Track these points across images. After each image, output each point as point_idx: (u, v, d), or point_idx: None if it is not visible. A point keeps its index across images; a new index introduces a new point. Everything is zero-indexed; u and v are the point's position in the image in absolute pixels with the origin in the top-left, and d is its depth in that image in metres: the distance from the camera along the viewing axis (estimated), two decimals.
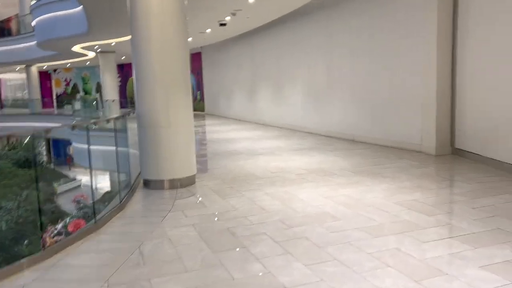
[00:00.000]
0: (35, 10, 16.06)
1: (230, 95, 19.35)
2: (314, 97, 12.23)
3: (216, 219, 4.53)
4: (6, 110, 29.99)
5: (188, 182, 6.10)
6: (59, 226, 11.76)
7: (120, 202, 4.98)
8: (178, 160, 5.99)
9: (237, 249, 3.62)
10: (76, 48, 17.92)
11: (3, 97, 34.85)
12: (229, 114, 19.56)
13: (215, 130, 14.52)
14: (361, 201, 5.03)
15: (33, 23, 17.03)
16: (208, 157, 9.12)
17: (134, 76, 6.01)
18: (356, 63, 10.19)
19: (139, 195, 5.74)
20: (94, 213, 4.49)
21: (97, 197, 6.04)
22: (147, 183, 6.05)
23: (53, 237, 10.78)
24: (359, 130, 10.18)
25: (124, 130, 6.09)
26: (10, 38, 24.13)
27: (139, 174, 6.33)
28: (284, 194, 5.49)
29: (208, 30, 14.84)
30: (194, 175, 6.30)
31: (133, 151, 6.39)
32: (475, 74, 7.17)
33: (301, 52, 12.78)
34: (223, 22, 12.74)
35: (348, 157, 8.14)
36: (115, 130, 5.30)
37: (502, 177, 5.96)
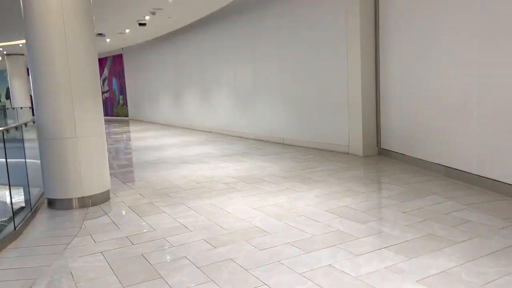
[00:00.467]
0: None
1: (156, 99, 18.46)
2: (241, 100, 11.92)
3: (129, 243, 3.95)
4: None
5: (101, 200, 5.41)
6: None
7: (15, 229, 4.21)
8: (88, 175, 5.27)
9: (152, 280, 3.10)
10: None
11: None
12: (155, 119, 18.67)
13: (139, 137, 13.66)
14: (292, 210, 4.72)
15: None
16: (128, 168, 8.38)
17: (31, 81, 5.20)
18: (282, 66, 10.02)
19: (42, 217, 4.95)
20: None
21: None
22: (52, 203, 5.26)
23: None
24: (288, 133, 10.02)
25: (20, 140, 5.26)
26: None
27: (43, 193, 5.51)
28: (210, 207, 5.02)
29: (127, 30, 13.95)
30: (108, 190, 5.61)
31: (37, 163, 5.56)
32: (396, 76, 7.25)
33: (226, 54, 12.41)
34: (143, 21, 11.99)
35: (278, 161, 7.88)
36: (3, 141, 4.48)
37: (427, 177, 6.01)
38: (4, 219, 4.52)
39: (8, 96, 27.50)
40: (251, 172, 7.02)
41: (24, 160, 5.28)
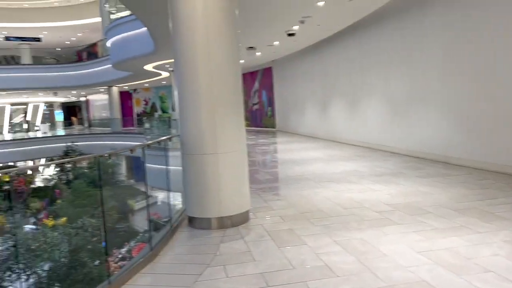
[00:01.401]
0: (109, 32, 16.38)
1: (302, 111, 18.16)
2: (394, 111, 10.59)
3: (264, 283, 3.35)
4: (93, 129, 31.80)
5: (239, 221, 5.00)
6: (124, 250, 11.14)
7: (152, 249, 4.02)
8: (227, 194, 4.92)
9: None
10: (148, 67, 18.02)
11: (91, 116, 37.16)
12: (300, 131, 18.36)
13: (284, 149, 13.40)
14: (473, 261, 3.53)
15: (108, 45, 17.47)
16: (269, 183, 7.99)
17: (177, 97, 5.11)
18: (447, 71, 8.47)
19: (181, 237, 4.74)
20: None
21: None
22: (192, 221, 5.06)
23: (117, 262, 10.13)
24: (454, 150, 8.39)
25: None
26: (92, 61, 25.43)
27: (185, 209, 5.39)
28: (360, 244, 4.14)
29: (276, 43, 13.89)
30: (247, 211, 5.19)
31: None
32: None
33: (377, 61, 11.24)
34: (291, 32, 11.69)
35: (444, 186, 6.49)
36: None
37: None
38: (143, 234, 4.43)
39: (174, 108, 30.85)
40: (410, 198, 5.86)
41: (166, 173, 5.23)
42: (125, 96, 31.85)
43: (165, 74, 20.82)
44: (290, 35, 11.97)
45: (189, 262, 3.94)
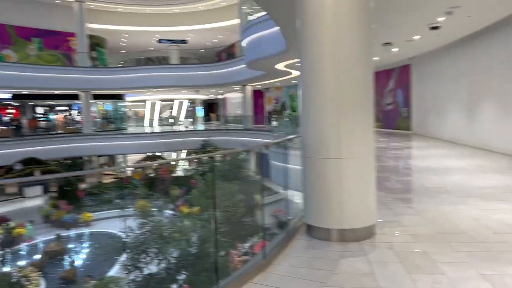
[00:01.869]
0: (245, 32, 16.99)
1: (443, 113, 16.31)
2: None
3: None
4: (228, 125, 33.80)
5: (363, 235, 4.49)
6: (247, 245, 11.38)
7: (264, 257, 3.81)
8: (350, 203, 4.46)
9: None
10: (280, 66, 18.22)
11: (227, 113, 39.57)
12: (440, 135, 16.53)
13: (420, 155, 12.14)
14: None
15: (243, 44, 18.15)
16: (402, 194, 7.18)
17: (300, 96, 4.82)
18: None
19: (297, 246, 4.44)
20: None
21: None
22: (310, 229, 4.73)
23: (241, 256, 10.37)
24: None
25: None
26: (229, 61, 26.88)
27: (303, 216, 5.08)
28: None
29: (417, 37, 12.65)
30: (373, 225, 4.64)
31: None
32: None
33: None
34: (435, 25, 10.47)
35: None
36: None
37: None
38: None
39: None
40: None
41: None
42: (258, 95, 33.04)
43: (295, 73, 20.86)
44: (433, 28, 10.75)
45: (304, 278, 3.61)
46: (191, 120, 37.00)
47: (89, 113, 26.45)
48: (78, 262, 13.62)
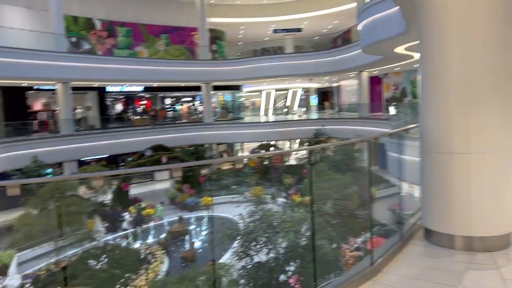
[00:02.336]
0: (361, 15, 16.08)
1: None
2: None
3: None
4: (342, 113, 32.88)
5: (496, 245, 3.78)
6: (359, 240, 10.85)
7: (372, 264, 3.41)
8: (481, 207, 3.78)
9: None
10: (399, 49, 16.88)
11: (341, 101, 38.50)
12: None
13: None
14: None
15: (359, 28, 17.22)
16: None
17: (420, 82, 4.22)
18: None
19: (411, 253, 3.92)
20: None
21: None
22: (428, 233, 4.15)
23: (352, 251, 9.93)
24: None
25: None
26: (344, 47, 25.92)
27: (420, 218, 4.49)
28: None
29: None
30: (510, 234, 3.88)
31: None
32: None
33: None
34: None
35: None
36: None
37: None
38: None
39: None
40: None
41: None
42: (375, 81, 31.34)
43: (417, 56, 19.16)
44: None
45: None
46: (305, 109, 36.85)
47: (209, 104, 28.03)
48: (197, 243, 14.55)
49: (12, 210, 12.92)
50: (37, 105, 25.23)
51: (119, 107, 30.07)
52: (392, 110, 20.42)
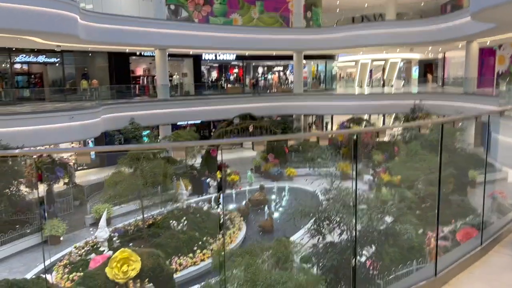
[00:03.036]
0: None
1: None
2: None
3: None
4: (445, 88, 30.07)
5: None
6: (448, 229, 9.93)
7: (436, 274, 2.87)
8: None
9: None
10: None
11: (446, 75, 35.13)
12: None
13: None
14: None
15: None
16: None
17: None
18: None
19: (495, 262, 3.28)
20: None
21: None
22: None
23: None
24: None
25: None
26: (452, 13, 23.31)
27: None
28: None
29: None
30: None
31: None
32: None
33: None
34: None
35: None
36: None
37: None
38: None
39: None
40: None
41: None
42: (486, 53, 27.88)
43: None
44: None
45: None
46: (403, 81, 34.37)
47: (300, 73, 27.45)
48: (276, 214, 14.59)
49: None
50: (139, 70, 26.99)
51: (213, 74, 30.96)
52: (504, 86, 18.02)
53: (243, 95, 26.87)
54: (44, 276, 8.79)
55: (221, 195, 15.85)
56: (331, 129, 32.29)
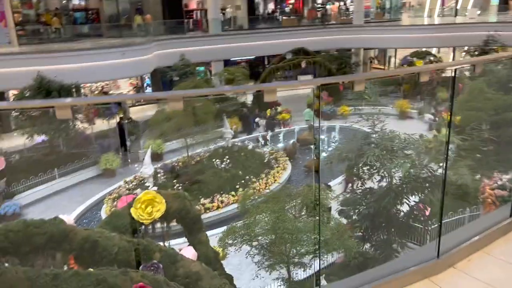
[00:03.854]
0: None
1: None
2: None
3: None
4: None
5: None
6: (507, 177, 9.03)
7: (438, 255, 2.38)
8: None
9: None
10: None
11: None
12: None
13: None
14: None
15: None
16: None
17: None
18: None
19: None
20: None
21: None
22: None
23: (494, 189, 8.43)
24: None
25: None
26: None
27: None
28: None
29: None
30: None
31: None
32: None
33: None
34: None
35: None
36: None
37: None
38: None
39: None
40: None
41: None
42: None
43: None
44: None
45: None
46: (479, 10, 30.62)
47: (361, 2, 25.34)
48: (324, 154, 14.20)
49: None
50: (192, 4, 26.40)
51: (268, 7, 29.57)
52: None
53: (299, 28, 25.53)
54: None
55: (268, 134, 15.74)
56: (394, 64, 30.16)
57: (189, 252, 5.91)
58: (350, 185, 8.91)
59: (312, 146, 14.81)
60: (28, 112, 12.51)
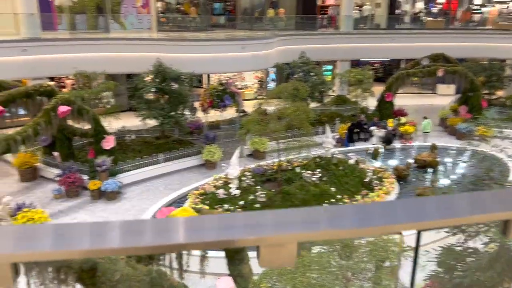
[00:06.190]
0: None
1: None
2: None
3: None
4: None
5: None
6: None
7: None
8: None
9: None
10: None
11: None
12: None
13: None
14: None
15: None
16: None
17: None
18: None
19: None
20: None
21: None
22: None
23: None
24: None
25: None
26: None
27: None
28: None
29: None
30: None
31: None
32: None
33: None
34: None
35: None
36: None
37: None
38: None
39: None
40: None
41: None
42: None
43: None
44: None
45: None
46: None
47: None
48: (444, 181, 12.05)
49: None
50: (329, 0, 25.29)
51: (416, 5, 26.80)
52: None
53: (444, 31, 22.55)
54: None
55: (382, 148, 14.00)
56: None
57: (226, 284, 5.19)
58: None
59: (430, 170, 12.76)
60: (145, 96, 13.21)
